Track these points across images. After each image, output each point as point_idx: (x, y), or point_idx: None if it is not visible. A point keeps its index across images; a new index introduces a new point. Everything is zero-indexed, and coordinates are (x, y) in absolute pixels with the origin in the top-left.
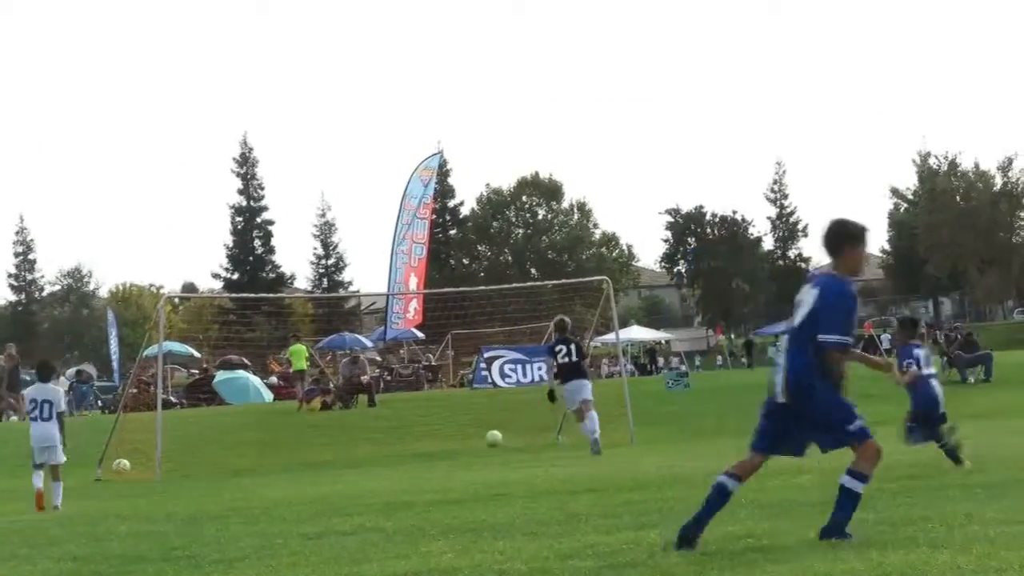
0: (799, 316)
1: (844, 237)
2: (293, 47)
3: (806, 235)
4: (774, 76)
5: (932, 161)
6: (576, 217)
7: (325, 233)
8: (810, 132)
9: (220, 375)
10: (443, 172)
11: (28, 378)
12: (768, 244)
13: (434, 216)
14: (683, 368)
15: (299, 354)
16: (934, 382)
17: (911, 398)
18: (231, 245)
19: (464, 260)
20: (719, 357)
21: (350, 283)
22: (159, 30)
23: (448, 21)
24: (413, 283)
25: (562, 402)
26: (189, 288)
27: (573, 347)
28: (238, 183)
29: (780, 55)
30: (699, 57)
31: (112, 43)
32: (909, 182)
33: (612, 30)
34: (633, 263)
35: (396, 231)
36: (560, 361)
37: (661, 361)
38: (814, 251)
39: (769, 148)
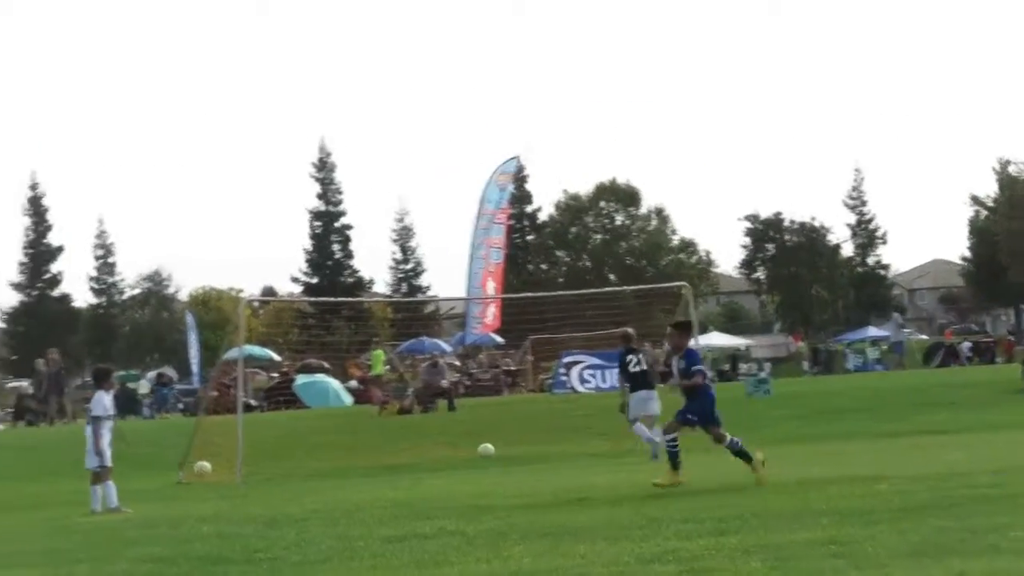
0: None
1: None
2: (372, 52)
3: (885, 242)
4: (854, 82)
5: (1012, 168)
6: (654, 223)
7: (403, 237)
8: (889, 139)
9: (300, 379)
10: (521, 178)
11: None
12: (847, 251)
13: (512, 221)
14: (764, 374)
15: (378, 359)
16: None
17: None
18: (310, 249)
19: (543, 266)
20: (804, 363)
21: (428, 287)
22: (237, 34)
23: (527, 27)
24: (491, 287)
25: (640, 409)
26: (268, 292)
27: (641, 356)
28: (317, 188)
29: (860, 61)
30: (779, 62)
31: (193, 46)
32: (989, 189)
33: (690, 35)
34: (712, 269)
35: (474, 236)
36: (632, 371)
37: (743, 367)
38: (893, 258)
39: (848, 154)
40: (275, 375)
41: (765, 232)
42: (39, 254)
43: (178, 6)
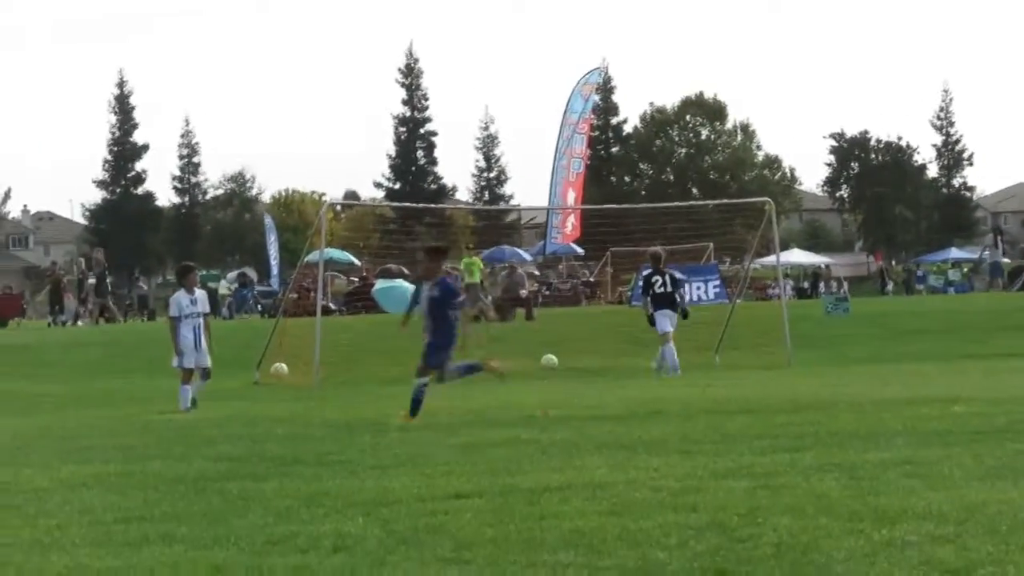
0: None
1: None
2: None
3: (971, 164)
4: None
5: None
6: (739, 138)
7: (488, 146)
8: (978, 58)
9: (379, 283)
10: (607, 90)
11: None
12: (932, 172)
13: (596, 133)
14: (843, 293)
15: (473, 267)
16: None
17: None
18: (394, 155)
19: (626, 178)
20: (890, 283)
21: (511, 197)
22: None
23: None
24: (571, 198)
25: (669, 324)
26: (351, 196)
27: (668, 278)
28: (403, 93)
29: None
30: None
31: None
32: None
33: None
34: (795, 186)
35: (557, 146)
36: (657, 291)
37: (822, 286)
38: (979, 180)
39: (936, 74)
40: (355, 279)
41: (850, 151)
42: (124, 152)
43: None
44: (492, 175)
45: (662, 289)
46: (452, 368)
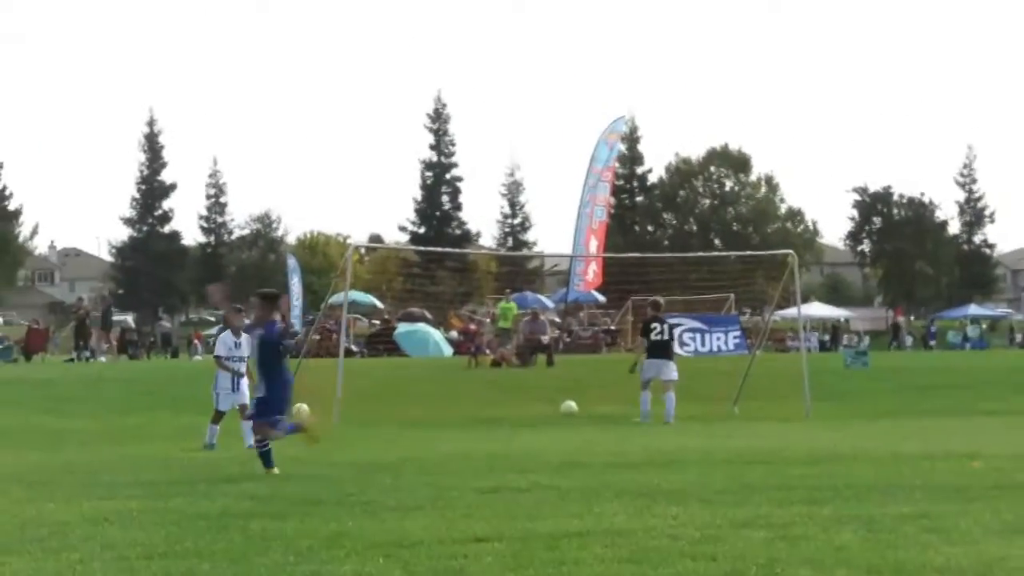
0: None
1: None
2: (491, 9)
3: (993, 221)
4: (970, 60)
5: None
6: (763, 191)
7: (513, 192)
8: (1002, 117)
9: (401, 327)
10: (633, 139)
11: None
12: (954, 228)
13: (620, 181)
14: (863, 346)
15: (508, 312)
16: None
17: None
18: (419, 199)
19: (649, 227)
20: (909, 337)
21: (534, 243)
22: None
23: None
24: (593, 245)
25: (653, 373)
26: (375, 239)
27: (666, 327)
28: (430, 138)
29: (977, 40)
30: (897, 38)
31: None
32: None
33: (809, 7)
34: (817, 239)
35: (583, 194)
36: (654, 338)
37: (844, 339)
38: (999, 238)
39: (960, 132)
40: (377, 322)
41: (873, 205)
42: (152, 190)
43: None
44: (516, 221)
45: (659, 337)
46: (281, 426)
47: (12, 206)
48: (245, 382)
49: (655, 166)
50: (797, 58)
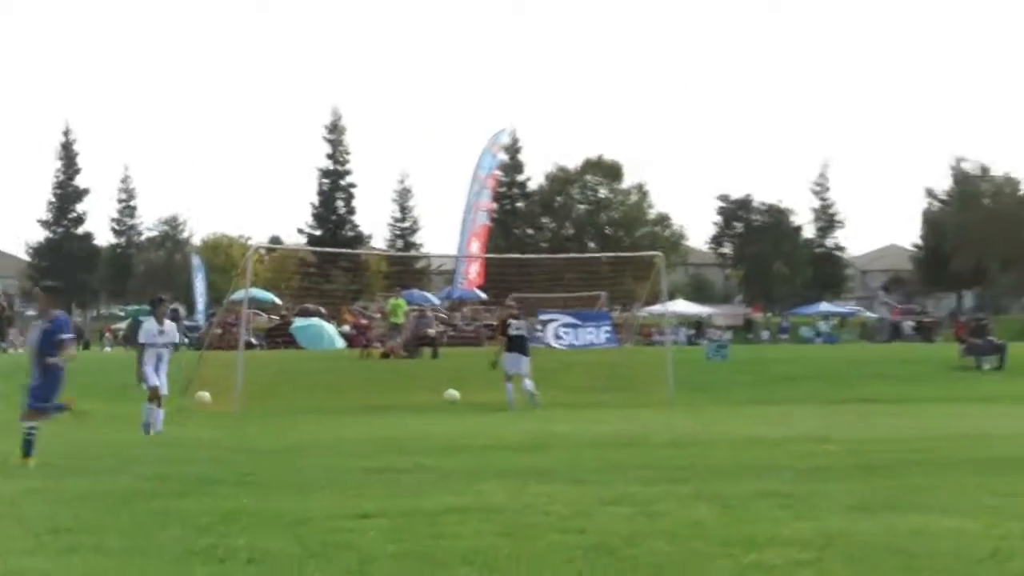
0: None
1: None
2: (384, 29)
3: (843, 226)
4: (827, 78)
5: (965, 165)
6: (634, 197)
7: (403, 198)
8: (855, 132)
9: (298, 321)
10: (515, 149)
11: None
12: (809, 233)
13: (502, 188)
14: (724, 339)
15: (397, 308)
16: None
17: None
18: (316, 204)
19: (528, 230)
20: (765, 332)
21: (422, 245)
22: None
23: (525, 9)
24: (475, 247)
25: (512, 366)
26: (275, 241)
27: (524, 324)
28: (327, 148)
29: (833, 61)
30: (760, 58)
31: (220, 9)
32: (943, 183)
33: (675, 27)
34: (683, 242)
35: (468, 200)
36: (512, 333)
37: (708, 333)
38: (850, 242)
39: (816, 144)
40: (275, 317)
41: (735, 211)
42: (67, 195)
43: None
44: (406, 225)
45: (517, 332)
46: (47, 409)
47: None
48: (163, 369)
49: (535, 174)
50: (668, 76)
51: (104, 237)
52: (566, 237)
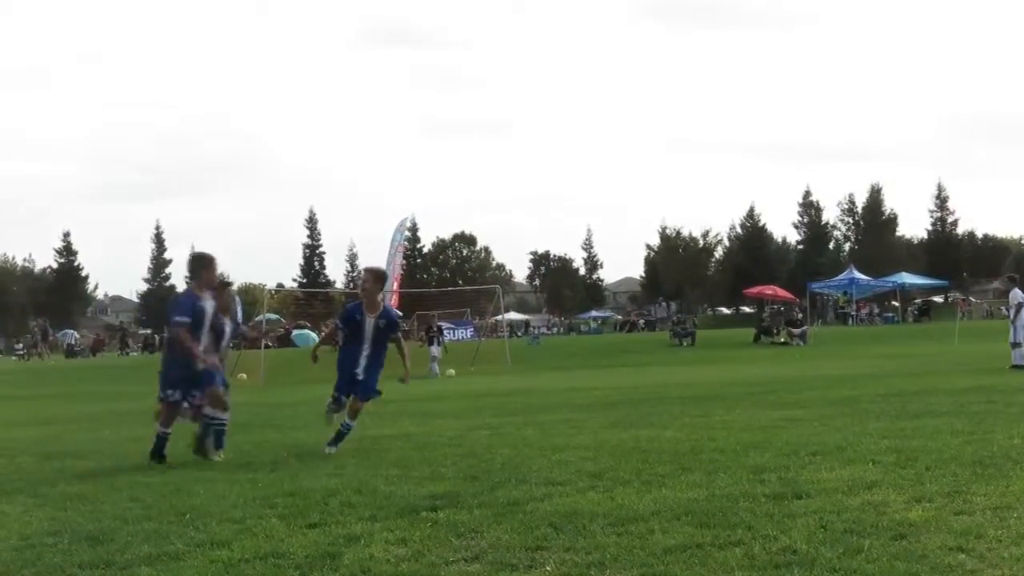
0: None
1: (200, 264)
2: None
3: (602, 266)
4: (584, 155)
5: (668, 230)
6: (483, 254)
7: (352, 259)
8: (605, 211)
9: (295, 332)
10: (414, 228)
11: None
12: (582, 271)
13: (407, 251)
14: (537, 333)
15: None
16: None
17: None
18: (303, 264)
19: (423, 276)
20: (560, 328)
21: None
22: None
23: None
24: (394, 285)
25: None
26: (279, 285)
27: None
28: (307, 232)
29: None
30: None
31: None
32: (655, 240)
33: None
34: (512, 279)
35: (389, 258)
36: (432, 334)
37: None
38: (605, 274)
39: (585, 211)
40: (281, 330)
41: (540, 261)
42: (160, 263)
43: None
44: (355, 273)
45: (432, 334)
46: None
47: None
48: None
49: (427, 243)
50: (505, 173)
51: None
52: (445, 279)
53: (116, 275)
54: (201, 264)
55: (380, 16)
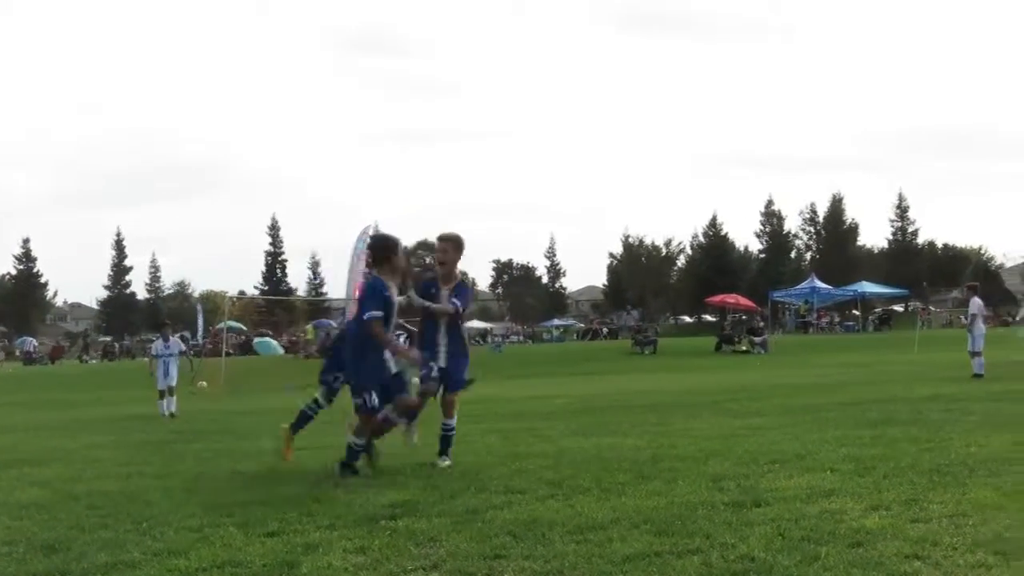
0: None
1: (385, 249)
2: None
3: (565, 275)
4: (546, 166)
5: (630, 239)
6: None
7: (315, 267)
8: (568, 220)
9: (257, 340)
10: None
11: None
12: (545, 279)
13: (369, 260)
14: (500, 341)
15: (311, 332)
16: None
17: None
18: (264, 271)
19: None
20: (521, 336)
21: (326, 292)
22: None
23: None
24: (356, 293)
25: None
26: (241, 293)
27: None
28: (269, 239)
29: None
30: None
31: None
32: (618, 249)
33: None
34: (475, 287)
35: (351, 265)
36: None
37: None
38: (568, 282)
39: (548, 223)
40: (243, 337)
41: (503, 270)
42: (120, 271)
43: None
44: (317, 281)
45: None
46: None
47: None
48: (173, 369)
49: None
50: (464, 188)
51: (141, 294)
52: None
53: (76, 282)
54: (387, 248)
55: (347, 24)
